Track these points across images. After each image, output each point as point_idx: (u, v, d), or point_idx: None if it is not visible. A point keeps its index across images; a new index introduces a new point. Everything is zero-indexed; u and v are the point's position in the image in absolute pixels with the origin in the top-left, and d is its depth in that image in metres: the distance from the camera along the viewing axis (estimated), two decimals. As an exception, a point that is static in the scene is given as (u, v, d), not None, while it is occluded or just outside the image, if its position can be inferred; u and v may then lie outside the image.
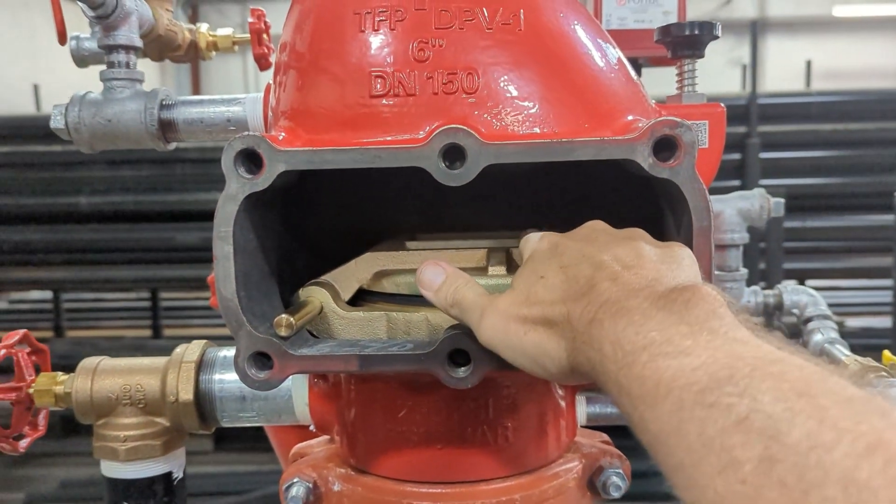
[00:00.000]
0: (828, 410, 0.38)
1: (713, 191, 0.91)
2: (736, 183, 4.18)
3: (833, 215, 4.48)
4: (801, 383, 0.40)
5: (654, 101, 0.77)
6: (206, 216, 4.36)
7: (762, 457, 0.37)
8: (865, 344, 4.42)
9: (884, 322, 5.01)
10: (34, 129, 4.61)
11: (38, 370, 0.92)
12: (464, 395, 0.73)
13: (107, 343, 5.20)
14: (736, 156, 4.19)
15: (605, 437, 0.88)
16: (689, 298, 0.49)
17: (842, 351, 1.06)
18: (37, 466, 4.49)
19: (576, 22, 0.71)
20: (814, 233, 4.47)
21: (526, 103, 0.67)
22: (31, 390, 0.89)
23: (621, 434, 0.72)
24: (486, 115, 0.66)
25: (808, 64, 6.48)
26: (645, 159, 0.61)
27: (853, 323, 4.88)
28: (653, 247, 0.58)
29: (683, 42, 0.85)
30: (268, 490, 3.77)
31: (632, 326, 0.49)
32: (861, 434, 0.36)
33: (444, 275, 0.66)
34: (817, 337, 1.15)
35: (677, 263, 0.57)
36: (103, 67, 0.98)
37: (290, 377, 0.79)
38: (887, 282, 4.43)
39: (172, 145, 1.00)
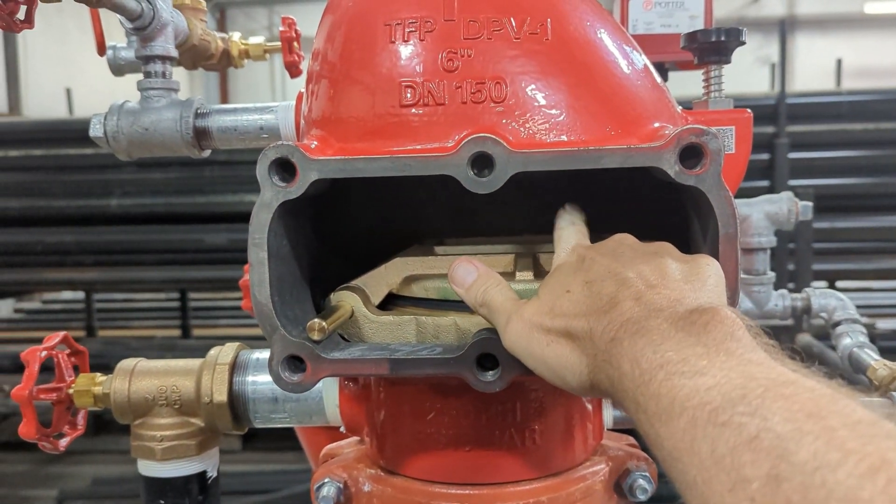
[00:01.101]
0: (835, 431, 0.38)
1: (741, 192, 0.91)
2: (765, 184, 4.14)
3: (863, 216, 4.41)
4: (811, 404, 0.41)
5: (680, 108, 0.78)
6: (235, 218, 4.44)
7: (770, 475, 0.39)
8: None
9: (916, 324, 4.93)
10: (67, 132, 4.71)
11: (77, 371, 0.95)
12: (492, 398, 0.74)
13: (137, 343, 5.28)
14: (764, 156, 4.15)
15: (632, 440, 0.89)
16: (707, 321, 0.51)
17: (871, 355, 1.06)
18: (69, 464, 4.57)
19: (602, 30, 0.72)
20: (844, 234, 4.41)
21: (553, 111, 0.68)
22: (70, 391, 0.91)
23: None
24: (513, 124, 0.67)
25: (839, 62, 6.40)
26: (671, 167, 0.62)
27: (884, 325, 4.81)
28: (679, 263, 0.59)
29: (710, 48, 0.85)
30: (295, 489, 3.80)
31: (650, 346, 0.50)
32: (866, 455, 0.37)
33: (475, 273, 0.67)
34: (846, 341, 1.14)
35: (701, 282, 0.57)
36: (138, 76, 1.00)
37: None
38: (920, 283, 4.36)
39: (206, 152, 1.02)
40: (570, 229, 0.69)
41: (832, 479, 0.36)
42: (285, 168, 0.65)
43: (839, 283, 4.99)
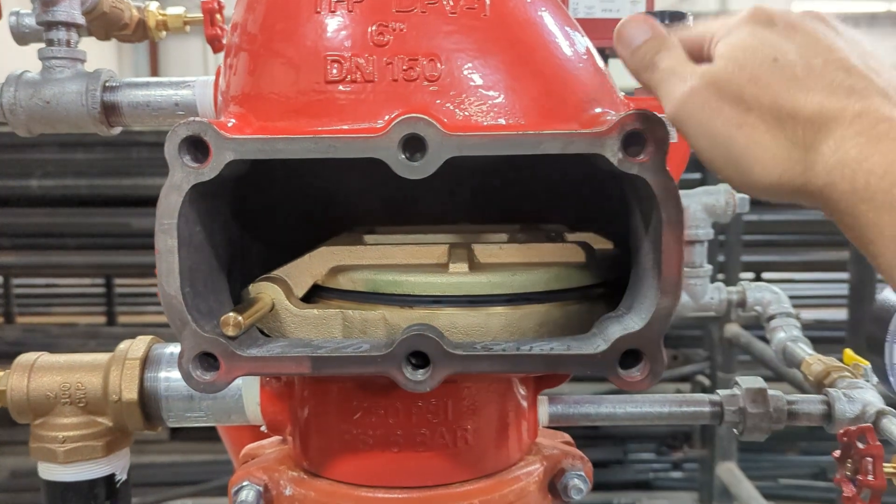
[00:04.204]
0: None
1: (679, 185, 0.89)
2: (697, 175, 4.21)
3: (790, 209, 4.54)
4: None
5: (622, 94, 0.75)
6: (163, 201, 4.28)
7: None
8: (819, 336, 4.50)
9: (836, 314, 5.12)
10: (-19, 108, 4.47)
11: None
12: (422, 397, 0.70)
13: (59, 330, 5.08)
14: (698, 148, 4.22)
15: (568, 437, 0.86)
16: None
17: (804, 349, 1.06)
18: (-15, 456, 4.37)
19: (543, 9, 0.68)
20: (772, 226, 4.53)
21: (491, 93, 0.64)
22: (-37, 388, 0.84)
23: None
24: (448, 105, 0.63)
25: (770, 58, 6.57)
26: (614, 154, 0.58)
27: (807, 315, 4.97)
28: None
29: (653, 33, 0.82)
30: (224, 480, 3.71)
31: None
32: None
33: (649, 33, 0.57)
34: (780, 335, 1.14)
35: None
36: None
37: (240, 377, 0.76)
38: (841, 275, 4.51)
39: (116, 130, 0.94)
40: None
41: None
42: (198, 147, 0.59)
43: (765, 275, 5.14)
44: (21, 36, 0.99)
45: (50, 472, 0.83)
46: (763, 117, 0.47)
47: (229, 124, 0.62)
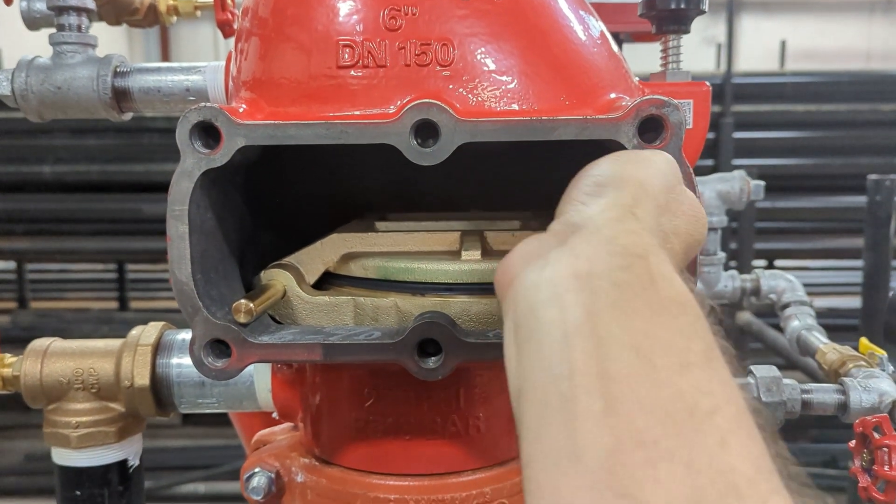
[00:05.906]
0: None
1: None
2: (709, 163, 4.18)
3: (805, 196, 4.51)
4: None
5: (637, 79, 0.74)
6: (174, 187, 4.28)
7: None
8: (832, 324, 4.48)
9: (849, 302, 5.08)
10: (-5, 94, 4.47)
11: (-15, 351, 0.88)
12: (434, 384, 0.70)
13: (72, 315, 5.11)
14: (710, 135, 4.19)
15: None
16: None
17: (819, 338, 1.05)
18: (0, 439, 4.42)
19: (557, -9, 0.67)
20: (785, 213, 4.50)
21: (504, 77, 0.63)
22: (-24, 373, 0.84)
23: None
24: (461, 90, 0.62)
25: (783, 44, 6.51)
26: (629, 140, 0.57)
27: (820, 303, 4.94)
28: None
29: (669, 17, 0.81)
30: (236, 465, 3.74)
31: None
32: None
33: None
34: (794, 323, 1.13)
35: None
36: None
37: (251, 364, 0.76)
38: (854, 262, 4.48)
39: (128, 115, 0.94)
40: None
41: None
42: (209, 133, 0.59)
43: (778, 262, 5.11)
44: (32, 21, 0.99)
45: (63, 457, 0.84)
46: None
47: (240, 110, 0.61)
